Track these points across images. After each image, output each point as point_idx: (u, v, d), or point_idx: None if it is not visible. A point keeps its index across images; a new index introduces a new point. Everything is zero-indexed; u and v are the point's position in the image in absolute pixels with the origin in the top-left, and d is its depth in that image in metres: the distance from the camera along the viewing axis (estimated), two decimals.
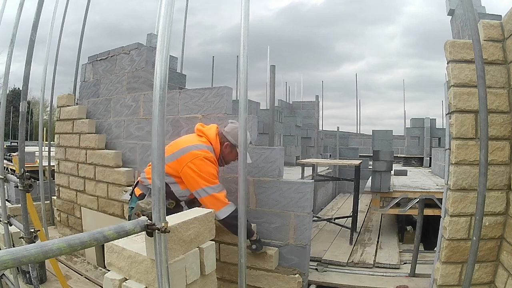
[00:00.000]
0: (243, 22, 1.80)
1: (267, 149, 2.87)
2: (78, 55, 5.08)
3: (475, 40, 1.85)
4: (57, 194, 4.54)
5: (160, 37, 1.28)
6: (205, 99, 3.12)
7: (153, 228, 1.26)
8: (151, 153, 1.29)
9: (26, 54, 2.35)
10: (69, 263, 3.57)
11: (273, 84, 5.26)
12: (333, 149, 9.73)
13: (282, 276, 2.68)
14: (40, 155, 4.30)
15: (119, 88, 3.88)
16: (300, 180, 3.09)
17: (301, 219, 2.75)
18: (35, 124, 23.19)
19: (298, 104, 10.11)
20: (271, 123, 5.28)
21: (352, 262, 3.41)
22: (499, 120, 2.00)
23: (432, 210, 3.56)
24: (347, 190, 8.38)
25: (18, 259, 0.87)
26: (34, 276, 2.54)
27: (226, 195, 2.35)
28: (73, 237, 1.01)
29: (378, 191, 3.90)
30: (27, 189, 2.28)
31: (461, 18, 3.21)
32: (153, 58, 3.28)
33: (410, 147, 8.86)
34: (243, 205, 2.11)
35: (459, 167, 2.04)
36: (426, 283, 2.72)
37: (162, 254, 1.29)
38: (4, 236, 2.62)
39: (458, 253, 2.07)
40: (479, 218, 1.84)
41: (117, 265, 1.73)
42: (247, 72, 1.88)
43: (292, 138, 8.28)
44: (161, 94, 1.25)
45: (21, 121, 2.46)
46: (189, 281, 1.70)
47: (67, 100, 4.39)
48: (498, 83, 2.00)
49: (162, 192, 1.27)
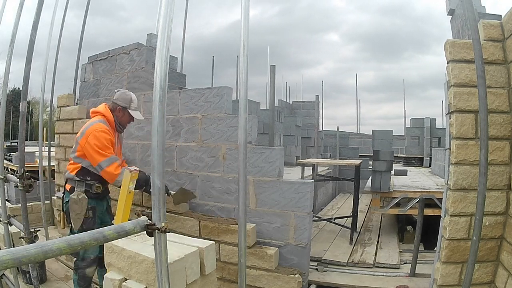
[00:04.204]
0: (243, 22, 1.79)
1: (267, 149, 2.87)
2: (78, 55, 5.08)
3: (475, 40, 1.85)
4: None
5: (160, 37, 1.28)
6: (205, 99, 3.12)
7: (153, 228, 1.26)
8: (151, 153, 1.28)
9: (26, 54, 2.34)
10: (69, 263, 3.56)
11: (273, 84, 5.26)
12: (333, 149, 9.74)
13: (282, 276, 2.67)
14: (40, 155, 4.30)
15: (119, 88, 3.88)
16: (300, 180, 3.09)
17: (301, 219, 2.75)
18: (35, 124, 23.17)
19: (298, 104, 10.10)
20: (271, 123, 5.29)
21: (352, 262, 3.41)
22: (499, 120, 2.00)
23: (432, 210, 3.56)
24: (347, 190, 8.37)
25: (18, 259, 0.87)
26: (34, 276, 2.53)
27: (119, 164, 2.57)
28: (73, 237, 1.01)
29: (378, 191, 3.90)
30: (27, 189, 2.28)
31: (461, 18, 3.21)
32: (153, 58, 3.28)
33: (410, 147, 8.86)
34: (243, 204, 2.11)
35: (459, 167, 2.04)
36: (426, 283, 2.71)
37: (162, 254, 1.29)
38: (4, 236, 2.62)
39: (458, 253, 2.07)
40: (479, 218, 1.84)
41: (117, 265, 1.73)
42: (247, 72, 1.88)
43: (292, 138, 8.28)
44: (161, 94, 1.25)
45: (21, 121, 2.46)
46: (189, 281, 1.70)
47: (67, 100, 4.39)
48: (498, 83, 2.00)
49: (162, 192, 1.27)
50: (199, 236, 2.92)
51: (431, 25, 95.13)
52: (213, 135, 3.06)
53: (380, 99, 53.78)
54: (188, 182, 3.24)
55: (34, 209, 4.64)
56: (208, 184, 3.12)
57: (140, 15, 67.19)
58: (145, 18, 63.51)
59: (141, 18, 64.77)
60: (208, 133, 3.09)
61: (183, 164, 3.26)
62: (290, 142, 8.23)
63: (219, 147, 3.03)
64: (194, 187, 3.19)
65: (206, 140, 3.11)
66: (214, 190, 3.08)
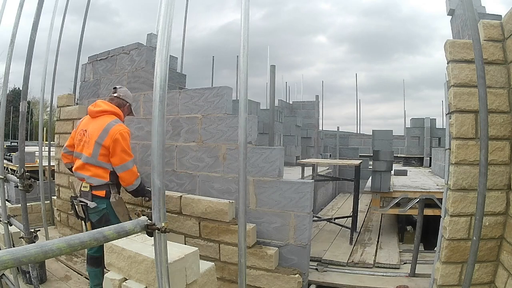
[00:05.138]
0: (243, 22, 1.79)
1: (267, 149, 2.87)
2: (78, 55, 5.08)
3: (475, 40, 1.85)
4: (57, 194, 4.53)
5: (160, 37, 1.28)
6: (205, 99, 3.12)
7: (153, 228, 1.25)
8: (151, 153, 1.28)
9: (26, 54, 2.34)
10: (69, 263, 3.56)
11: (273, 84, 5.26)
12: (333, 149, 9.75)
13: (282, 276, 2.68)
14: (40, 155, 4.30)
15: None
16: (300, 180, 3.09)
17: (301, 219, 2.75)
18: (35, 124, 23.17)
19: (298, 104, 10.11)
20: (271, 123, 5.29)
21: (352, 262, 3.41)
22: (499, 120, 2.00)
23: (432, 210, 3.56)
24: (347, 190, 8.37)
25: (18, 259, 0.87)
26: (34, 276, 2.53)
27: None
28: (73, 237, 1.01)
29: (378, 191, 3.90)
30: (27, 189, 2.28)
31: (461, 18, 3.20)
32: (153, 58, 3.28)
33: (410, 147, 8.86)
34: (243, 205, 2.11)
35: (459, 167, 2.04)
36: (426, 283, 2.71)
37: (162, 254, 1.29)
38: (4, 236, 2.62)
39: (458, 253, 2.07)
40: (479, 218, 1.84)
41: (117, 265, 1.73)
42: (247, 72, 1.88)
43: (292, 138, 8.28)
44: (161, 94, 1.25)
45: (21, 121, 2.46)
46: (189, 281, 1.70)
47: (67, 100, 4.39)
48: (498, 83, 2.00)
49: (162, 192, 1.27)
50: (199, 236, 2.92)
51: (418, 26, 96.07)
52: (213, 135, 3.06)
53: (374, 99, 54.26)
54: (188, 182, 3.24)
55: (34, 209, 4.64)
56: (208, 184, 3.12)
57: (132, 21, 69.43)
58: (136, 24, 65.97)
59: (133, 23, 67.33)
60: (208, 133, 3.09)
61: (183, 164, 3.26)
62: (290, 142, 8.23)
63: (219, 147, 3.03)
64: (194, 187, 3.19)
65: (206, 140, 3.11)
66: (214, 190, 3.08)
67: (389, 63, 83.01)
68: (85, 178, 2.49)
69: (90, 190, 2.48)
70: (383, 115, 46.59)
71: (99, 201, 2.46)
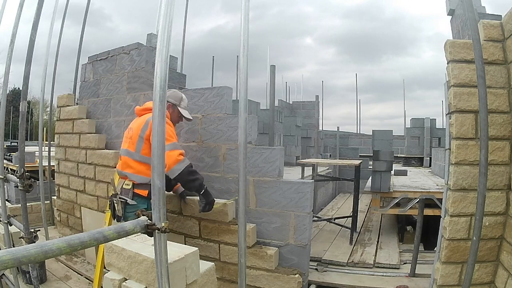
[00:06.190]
0: (243, 22, 1.79)
1: (267, 149, 2.87)
2: (78, 56, 5.09)
3: (475, 40, 1.85)
4: (57, 194, 4.53)
5: (160, 37, 1.28)
6: (205, 99, 3.11)
7: (153, 228, 1.25)
8: (151, 153, 1.28)
9: (26, 53, 2.35)
10: (69, 263, 3.57)
11: (273, 84, 5.26)
12: (333, 149, 9.74)
13: (282, 276, 2.67)
14: (40, 155, 4.30)
15: (119, 88, 3.88)
16: (300, 180, 3.09)
17: (301, 219, 2.75)
18: (35, 124, 23.17)
19: (298, 104, 10.10)
20: (271, 123, 5.29)
21: (352, 262, 3.41)
22: (499, 120, 2.00)
23: (432, 210, 3.56)
24: (347, 190, 8.38)
25: (18, 259, 0.87)
26: (34, 276, 2.54)
27: (182, 153, 2.39)
28: (73, 237, 1.01)
29: (378, 191, 3.90)
30: (27, 189, 2.28)
31: (461, 18, 3.21)
32: (153, 58, 3.28)
33: (410, 147, 8.86)
34: (243, 205, 2.11)
35: (459, 167, 2.04)
36: (426, 283, 2.71)
37: (162, 254, 1.28)
38: (4, 236, 2.62)
39: (458, 253, 2.07)
40: (479, 218, 1.84)
41: (117, 265, 1.73)
42: (247, 72, 1.88)
43: (292, 138, 8.28)
44: (161, 94, 1.25)
45: (21, 121, 2.46)
46: (189, 281, 1.70)
47: (67, 100, 4.39)
48: (498, 83, 2.00)
49: (162, 192, 1.27)
50: (199, 236, 2.92)
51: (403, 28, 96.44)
52: (213, 135, 3.06)
53: (369, 99, 54.74)
54: None
55: (34, 209, 4.65)
56: (208, 184, 3.11)
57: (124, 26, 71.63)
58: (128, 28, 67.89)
59: (125, 28, 69.26)
60: (208, 133, 3.09)
61: None
62: (290, 142, 8.23)
63: (219, 147, 3.03)
64: None
65: (206, 140, 3.11)
66: (214, 190, 3.08)
67: (379, 64, 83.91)
68: (128, 175, 2.41)
69: (132, 188, 2.37)
70: (379, 115, 46.81)
71: (140, 200, 2.35)
